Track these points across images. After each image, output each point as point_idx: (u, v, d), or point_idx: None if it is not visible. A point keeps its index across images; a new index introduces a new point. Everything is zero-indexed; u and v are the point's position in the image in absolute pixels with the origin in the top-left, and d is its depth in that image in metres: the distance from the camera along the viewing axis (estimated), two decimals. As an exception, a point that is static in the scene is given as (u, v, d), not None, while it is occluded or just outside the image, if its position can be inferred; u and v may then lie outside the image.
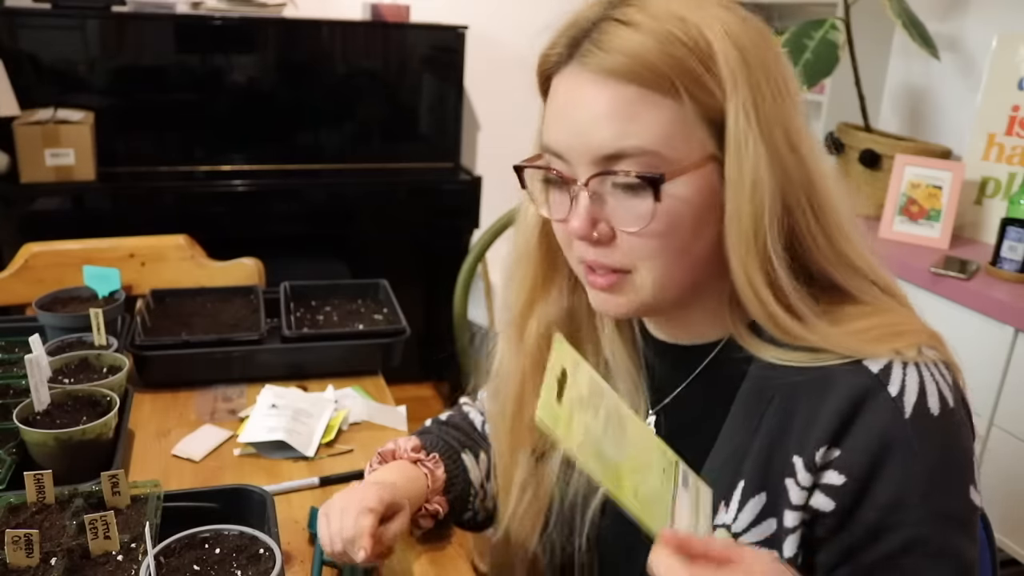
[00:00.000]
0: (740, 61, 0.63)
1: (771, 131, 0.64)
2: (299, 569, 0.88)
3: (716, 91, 0.63)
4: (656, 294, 0.69)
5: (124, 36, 2.52)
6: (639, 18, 0.63)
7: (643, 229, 0.65)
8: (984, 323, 1.61)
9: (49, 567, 0.73)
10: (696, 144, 0.64)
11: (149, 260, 1.61)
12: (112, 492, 0.82)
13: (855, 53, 2.05)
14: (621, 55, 0.62)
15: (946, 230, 1.91)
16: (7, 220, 2.36)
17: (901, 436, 0.63)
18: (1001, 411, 1.60)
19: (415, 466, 0.91)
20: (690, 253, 0.67)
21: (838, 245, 0.68)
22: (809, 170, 0.66)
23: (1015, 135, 1.90)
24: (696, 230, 0.66)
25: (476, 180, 2.82)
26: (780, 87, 0.65)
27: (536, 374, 0.82)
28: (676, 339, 0.78)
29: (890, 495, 0.64)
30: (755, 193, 0.63)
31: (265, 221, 2.63)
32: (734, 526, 0.70)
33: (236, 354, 1.26)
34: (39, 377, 0.97)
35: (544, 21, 0.70)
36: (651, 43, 0.62)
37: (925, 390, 0.65)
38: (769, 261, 0.64)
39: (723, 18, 0.64)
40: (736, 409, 0.71)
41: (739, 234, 0.64)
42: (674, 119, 0.63)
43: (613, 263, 0.68)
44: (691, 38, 0.62)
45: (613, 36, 0.63)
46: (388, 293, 1.46)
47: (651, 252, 0.66)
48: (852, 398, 0.65)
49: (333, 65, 2.73)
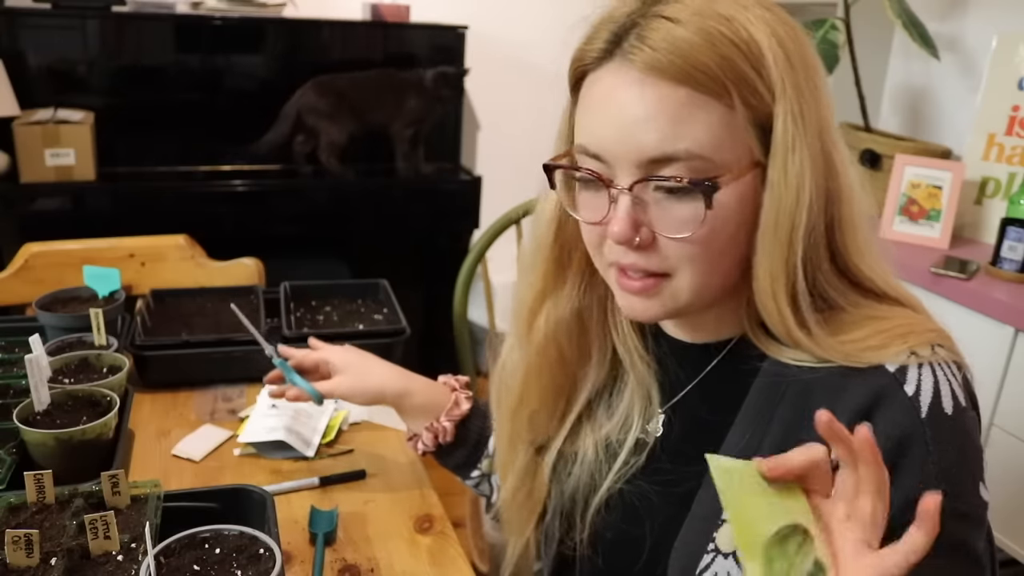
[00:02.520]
0: (787, 64, 0.62)
1: (814, 136, 0.63)
2: (299, 569, 0.88)
3: (766, 95, 0.62)
4: (692, 299, 0.68)
5: (124, 36, 2.52)
6: (686, 15, 0.61)
7: (692, 235, 0.63)
8: (984, 323, 1.61)
9: (49, 567, 0.73)
10: (745, 149, 0.63)
11: (149, 260, 1.61)
12: (112, 492, 0.82)
13: (855, 53, 2.05)
14: (671, 54, 0.60)
15: (946, 230, 1.91)
16: (7, 220, 2.36)
17: (917, 436, 0.64)
18: (1001, 411, 1.60)
19: (449, 390, 1.03)
20: (728, 258, 0.66)
21: (865, 260, 0.67)
22: (839, 178, 0.65)
23: (1015, 135, 1.90)
24: (735, 236, 0.65)
25: (476, 180, 2.82)
26: (820, 90, 0.64)
27: (539, 370, 0.82)
28: (690, 337, 0.78)
29: (904, 495, 0.64)
30: (798, 202, 0.62)
31: (265, 221, 2.62)
32: None
33: (236, 354, 1.26)
34: (39, 377, 0.97)
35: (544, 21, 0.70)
36: (701, 42, 0.60)
37: (939, 390, 0.65)
38: (795, 272, 0.64)
39: (767, 19, 0.63)
40: (749, 404, 0.71)
41: (774, 242, 0.63)
42: (725, 123, 0.61)
43: (651, 267, 0.67)
44: (741, 39, 0.60)
45: (662, 33, 0.60)
46: (388, 293, 1.46)
47: (691, 257, 0.65)
48: (868, 396, 0.65)
49: (333, 65, 2.72)
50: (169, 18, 2.53)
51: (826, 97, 0.65)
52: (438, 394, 1.03)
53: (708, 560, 0.71)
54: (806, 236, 0.64)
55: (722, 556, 0.70)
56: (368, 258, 2.82)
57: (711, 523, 0.71)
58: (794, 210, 0.62)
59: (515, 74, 3.11)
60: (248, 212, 2.60)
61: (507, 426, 0.87)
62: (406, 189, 2.79)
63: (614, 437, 0.81)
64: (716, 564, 0.70)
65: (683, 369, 0.78)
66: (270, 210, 2.63)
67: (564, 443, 0.84)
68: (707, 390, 0.77)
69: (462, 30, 2.78)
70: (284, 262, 1.88)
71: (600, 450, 0.81)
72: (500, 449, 0.91)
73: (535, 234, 0.79)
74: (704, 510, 0.72)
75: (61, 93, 2.44)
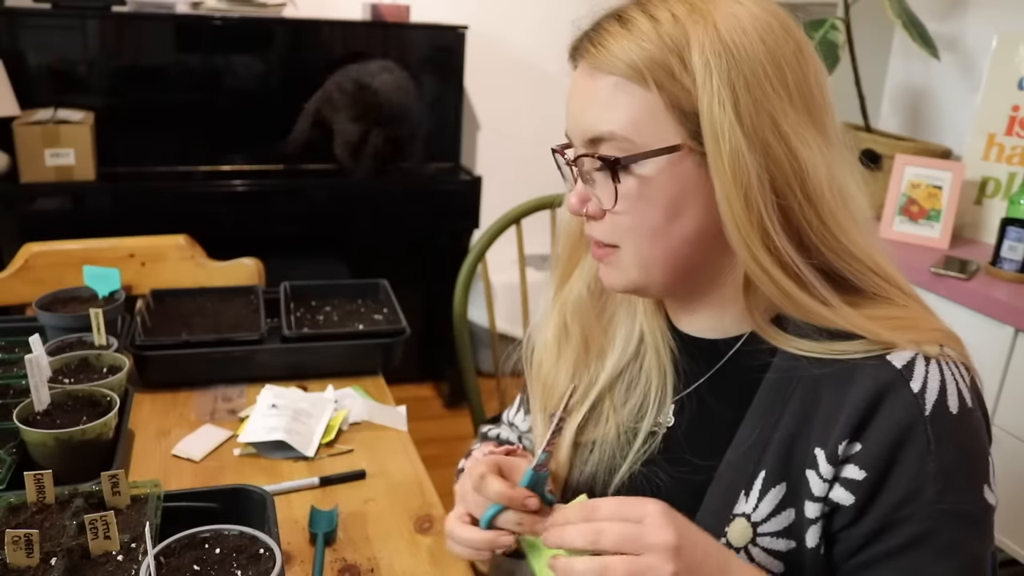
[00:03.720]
0: (721, 55, 0.65)
1: (755, 120, 0.65)
2: (299, 569, 0.88)
3: (687, 82, 0.66)
4: (641, 273, 0.73)
5: (124, 36, 2.52)
6: (636, 16, 0.68)
7: (613, 208, 0.70)
8: (984, 323, 1.61)
9: (49, 567, 0.73)
10: (665, 130, 0.67)
11: (149, 260, 1.61)
12: (112, 492, 0.82)
13: (855, 53, 2.05)
14: (604, 49, 0.68)
15: (946, 230, 1.91)
16: (7, 220, 2.36)
17: (919, 432, 0.65)
18: (1001, 411, 1.60)
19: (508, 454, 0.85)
20: (668, 235, 0.70)
21: (838, 235, 0.68)
22: (801, 160, 0.66)
23: (1015, 135, 1.90)
24: (670, 212, 0.69)
25: (476, 180, 2.82)
26: (775, 81, 0.66)
27: (556, 336, 0.87)
28: (700, 333, 0.79)
29: (903, 490, 0.65)
30: (737, 175, 0.65)
31: (265, 221, 2.63)
32: (754, 515, 0.71)
33: (236, 354, 1.26)
34: (39, 377, 0.97)
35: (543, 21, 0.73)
36: (632, 40, 0.67)
37: (946, 388, 0.66)
38: (769, 238, 0.66)
39: (725, 12, 0.66)
40: (759, 399, 0.73)
41: (732, 216, 0.66)
42: (646, 107, 0.67)
43: (603, 238, 0.74)
44: (671, 35, 0.66)
45: (605, 35, 0.69)
46: (388, 293, 1.46)
47: (628, 229, 0.71)
48: (874, 391, 0.66)
49: (333, 65, 2.73)
50: (169, 18, 2.53)
51: (788, 87, 0.67)
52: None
53: None
54: (766, 203, 0.65)
55: (733, 551, 0.71)
56: (368, 258, 2.83)
57: (722, 517, 0.72)
58: (736, 181, 0.65)
59: (515, 74, 3.11)
60: (248, 212, 2.60)
61: (540, 397, 0.89)
62: (406, 189, 2.79)
63: (632, 421, 0.83)
64: None
65: (696, 364, 0.80)
66: (270, 210, 2.63)
67: (584, 427, 0.85)
68: (718, 385, 0.78)
69: (462, 30, 2.78)
70: (284, 262, 1.88)
71: (621, 432, 0.83)
72: (535, 421, 0.91)
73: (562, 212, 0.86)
74: (716, 504, 0.73)
75: (61, 93, 2.45)
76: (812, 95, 0.68)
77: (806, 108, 0.68)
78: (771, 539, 0.70)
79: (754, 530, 0.70)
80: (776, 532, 0.70)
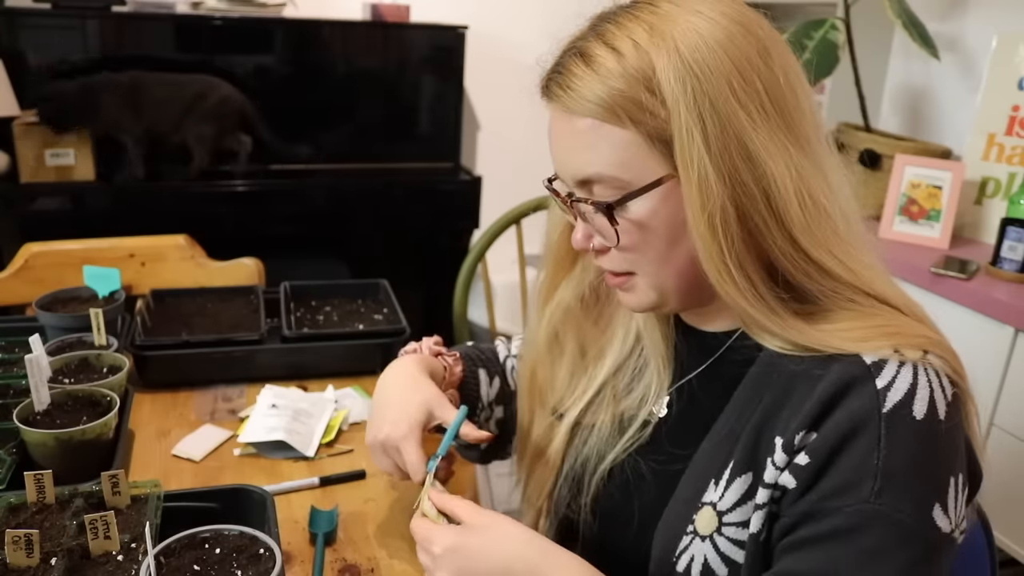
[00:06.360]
0: (685, 81, 0.64)
1: (721, 145, 0.64)
2: (299, 569, 0.88)
3: (660, 111, 0.65)
4: (658, 295, 0.74)
5: (124, 36, 2.52)
6: (598, 52, 0.67)
7: (616, 246, 0.71)
8: (984, 323, 1.61)
9: (49, 567, 0.73)
10: (652, 165, 0.67)
11: (149, 260, 1.61)
12: (112, 492, 0.82)
13: (855, 53, 2.05)
14: (574, 93, 0.68)
15: (946, 230, 1.91)
16: (7, 220, 2.36)
17: (872, 426, 0.63)
18: (1001, 411, 1.60)
19: (435, 359, 0.98)
20: (673, 261, 0.71)
21: (811, 252, 0.67)
22: (769, 177, 0.65)
23: (1015, 135, 1.90)
24: (671, 241, 0.70)
25: (476, 180, 2.82)
26: (741, 93, 0.65)
27: (548, 346, 0.90)
28: (701, 326, 0.81)
29: (841, 479, 0.63)
30: (704, 204, 0.65)
31: (265, 221, 2.62)
32: (720, 504, 0.71)
33: (236, 354, 1.26)
34: (39, 377, 0.97)
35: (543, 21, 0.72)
36: (598, 79, 0.66)
37: (915, 391, 0.64)
38: (737, 265, 0.66)
39: (685, 27, 0.65)
40: (739, 393, 0.74)
41: (701, 242, 0.67)
42: (626, 145, 0.67)
43: (614, 268, 0.75)
44: (636, 68, 0.65)
45: (571, 77, 0.68)
46: (388, 293, 1.46)
47: (633, 262, 0.73)
48: (839, 384, 0.65)
49: (333, 65, 2.73)
50: (169, 18, 2.53)
51: (757, 96, 0.65)
52: (427, 366, 0.94)
53: (687, 542, 0.73)
54: (727, 231, 0.65)
55: (700, 539, 0.72)
56: (368, 258, 2.82)
57: (691, 506, 0.73)
58: (704, 209, 0.65)
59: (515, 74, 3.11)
60: (248, 212, 2.60)
61: (526, 397, 0.94)
62: (406, 189, 2.79)
63: (629, 412, 0.84)
64: (694, 546, 0.72)
65: (692, 356, 0.81)
66: (270, 210, 2.63)
67: (584, 414, 0.88)
68: (708, 377, 0.79)
69: (462, 30, 2.78)
70: (284, 262, 1.88)
71: (616, 423, 0.85)
72: (523, 421, 0.95)
73: (549, 221, 0.87)
74: (687, 493, 0.74)
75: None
76: (783, 96, 0.67)
77: (778, 112, 0.66)
78: (736, 529, 0.70)
79: (719, 519, 0.71)
80: (741, 522, 0.70)
